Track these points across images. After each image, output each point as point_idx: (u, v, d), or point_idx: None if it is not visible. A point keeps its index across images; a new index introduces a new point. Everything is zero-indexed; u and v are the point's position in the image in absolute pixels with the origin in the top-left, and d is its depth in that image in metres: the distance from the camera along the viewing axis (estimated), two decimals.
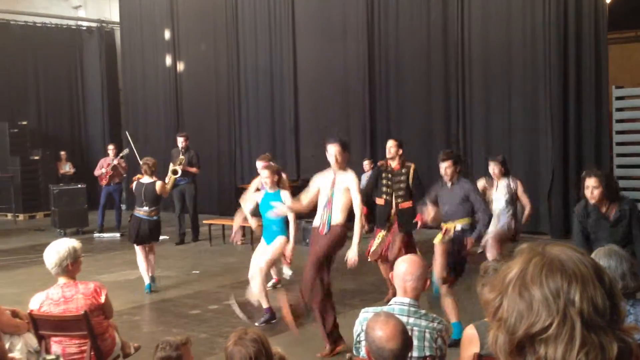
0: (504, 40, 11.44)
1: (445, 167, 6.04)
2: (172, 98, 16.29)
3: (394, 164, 7.28)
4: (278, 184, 6.82)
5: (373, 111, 13.11)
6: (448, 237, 6.01)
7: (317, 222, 5.82)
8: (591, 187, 4.95)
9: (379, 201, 7.31)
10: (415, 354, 3.39)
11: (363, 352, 3.27)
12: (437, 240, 6.09)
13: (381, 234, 7.19)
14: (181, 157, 11.31)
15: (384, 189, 7.23)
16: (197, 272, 9.38)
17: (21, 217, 15.43)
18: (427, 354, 3.44)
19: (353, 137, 13.30)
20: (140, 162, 8.93)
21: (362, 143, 13.19)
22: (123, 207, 14.36)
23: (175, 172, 10.90)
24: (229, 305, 6.90)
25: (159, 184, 8.48)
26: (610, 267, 3.44)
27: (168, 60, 16.34)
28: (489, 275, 3.29)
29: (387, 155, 7.28)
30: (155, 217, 8.47)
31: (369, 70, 13.04)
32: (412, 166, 7.31)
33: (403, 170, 7.25)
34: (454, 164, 6.05)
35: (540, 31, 10.99)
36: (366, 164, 12.45)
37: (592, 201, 5.00)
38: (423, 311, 3.59)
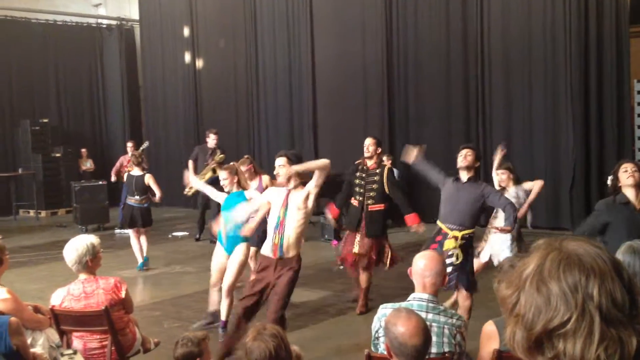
0: (524, 35, 11.35)
1: (465, 154, 5.64)
2: (192, 95, 16.38)
3: (370, 163, 6.89)
4: (239, 183, 6.34)
5: (391, 108, 13.07)
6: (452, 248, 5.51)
7: (267, 249, 5.24)
8: (631, 171, 4.94)
9: (353, 202, 6.94)
10: (434, 350, 3.38)
11: (382, 348, 3.26)
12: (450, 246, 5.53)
13: (357, 240, 6.82)
14: (220, 155, 11.11)
15: (357, 189, 6.88)
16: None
17: (43, 213, 15.60)
18: (446, 350, 3.43)
19: (372, 134, 13.23)
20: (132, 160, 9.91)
21: (379, 137, 13.14)
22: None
23: (214, 170, 10.82)
24: None
25: (147, 176, 9.58)
26: (629, 264, 3.41)
27: (187, 57, 16.42)
28: (505, 272, 3.27)
29: (365, 154, 6.88)
30: (145, 204, 9.66)
31: (387, 67, 13.00)
32: (387, 166, 6.99)
33: (377, 171, 6.86)
34: (476, 157, 5.67)
35: (561, 25, 10.89)
36: (385, 159, 12.44)
37: (629, 181, 4.93)
38: (442, 307, 3.58)
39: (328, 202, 7.48)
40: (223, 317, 6.14)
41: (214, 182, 10.28)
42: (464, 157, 5.63)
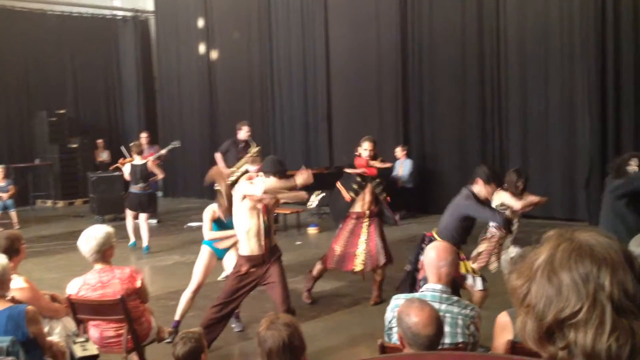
0: (541, 25, 11.25)
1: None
2: (206, 86, 16.42)
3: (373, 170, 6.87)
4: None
5: (405, 99, 13.03)
6: None
7: (250, 250, 5.18)
8: None
9: (347, 196, 6.86)
10: (447, 340, 3.39)
11: (395, 339, 3.27)
12: None
13: (362, 240, 6.80)
14: (256, 147, 10.89)
15: (355, 185, 6.84)
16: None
17: (60, 203, 15.75)
18: (460, 340, 3.43)
19: (386, 125, 13.27)
20: (123, 159, 10.62)
21: (394, 130, 13.14)
22: (160, 194, 14.55)
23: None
24: (263, 291, 6.94)
25: (149, 162, 10.18)
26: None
27: (202, 49, 16.45)
28: (516, 262, 3.27)
29: (363, 155, 6.81)
30: (149, 191, 10.24)
31: (402, 57, 12.95)
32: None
33: (378, 180, 6.93)
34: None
35: (578, 16, 10.78)
36: (398, 151, 12.42)
37: None
38: (455, 298, 3.59)
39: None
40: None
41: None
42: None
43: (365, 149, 6.81)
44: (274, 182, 5.11)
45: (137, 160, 10.12)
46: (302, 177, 5.16)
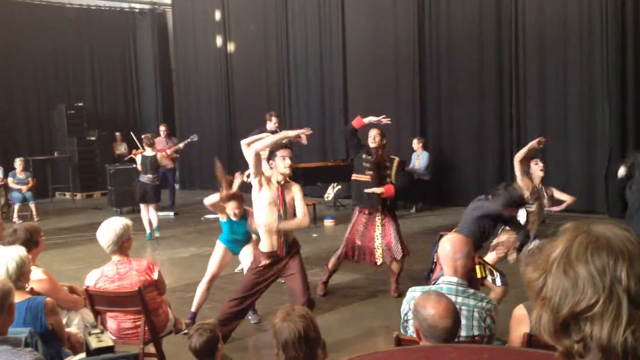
0: (559, 14, 11.13)
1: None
2: (223, 78, 16.46)
3: (381, 155, 6.77)
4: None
5: (423, 90, 12.96)
6: None
7: (269, 246, 5.20)
8: None
9: (362, 177, 6.79)
10: (463, 333, 3.37)
11: (411, 331, 3.27)
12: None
13: (377, 233, 6.76)
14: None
15: (367, 164, 6.77)
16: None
17: (79, 196, 15.89)
18: (476, 333, 3.41)
19: (403, 117, 13.21)
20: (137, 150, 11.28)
21: (411, 122, 13.08)
22: (177, 186, 14.63)
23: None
24: (279, 284, 6.96)
25: (158, 155, 10.65)
26: None
27: (219, 41, 16.48)
28: (533, 254, 3.24)
29: (371, 144, 6.72)
30: (157, 182, 10.61)
31: (419, 48, 12.87)
32: (397, 160, 6.92)
33: (387, 164, 6.79)
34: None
35: (597, 5, 10.65)
36: (415, 143, 12.37)
37: None
38: (471, 290, 3.56)
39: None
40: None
41: None
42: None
43: (370, 136, 6.74)
44: None
45: (148, 151, 10.60)
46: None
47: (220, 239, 6.21)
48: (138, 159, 10.76)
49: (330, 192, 12.49)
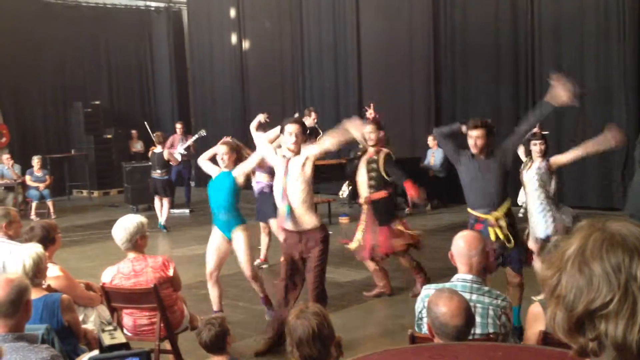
0: (576, 7, 11.03)
1: (475, 139, 5.06)
2: (238, 76, 16.51)
3: (371, 151, 6.57)
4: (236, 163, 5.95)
5: (438, 86, 12.91)
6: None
7: (285, 223, 5.21)
8: None
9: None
10: (478, 330, 3.36)
11: (426, 329, 3.26)
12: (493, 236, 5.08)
13: (361, 226, 6.65)
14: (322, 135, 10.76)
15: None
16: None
17: (96, 193, 16.01)
18: (491, 331, 3.39)
19: (417, 113, 13.18)
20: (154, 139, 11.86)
21: (426, 118, 13.04)
22: (192, 184, 14.67)
23: None
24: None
25: (165, 152, 11.31)
26: None
27: (234, 39, 16.52)
28: (549, 252, 3.21)
29: (370, 143, 6.46)
30: (166, 177, 11.37)
31: (434, 43, 12.83)
32: (384, 151, 6.55)
33: (375, 157, 6.52)
34: (489, 134, 5.09)
35: None
36: (430, 140, 12.32)
37: None
38: (486, 288, 3.54)
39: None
40: (262, 293, 6.12)
41: None
42: (474, 144, 5.09)
43: (367, 131, 6.36)
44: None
45: (158, 149, 11.49)
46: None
47: (213, 222, 5.98)
48: (150, 155, 11.87)
49: (345, 190, 12.47)
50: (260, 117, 7.01)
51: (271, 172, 6.52)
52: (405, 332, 3.43)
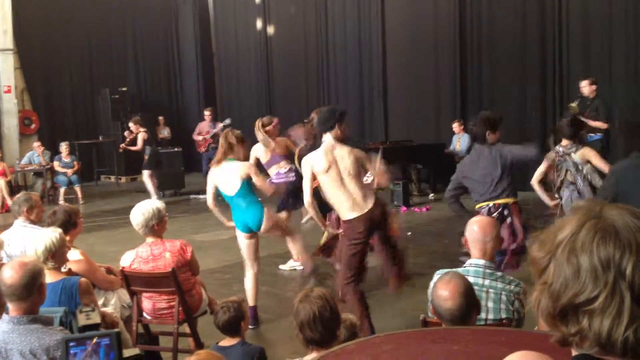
0: None
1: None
2: (263, 62, 16.53)
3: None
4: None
5: (464, 73, 12.78)
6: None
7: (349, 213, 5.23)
8: None
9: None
10: (490, 316, 3.36)
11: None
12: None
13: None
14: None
15: None
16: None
17: (123, 179, 16.21)
18: (504, 316, 3.39)
19: (443, 100, 13.07)
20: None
21: (452, 105, 12.94)
22: None
23: None
24: (317, 266, 6.99)
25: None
26: None
27: (259, 24, 16.53)
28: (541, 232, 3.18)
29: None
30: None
31: (460, 32, 12.68)
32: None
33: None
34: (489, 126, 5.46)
35: None
36: (455, 126, 12.23)
37: None
38: (499, 273, 3.54)
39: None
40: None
41: None
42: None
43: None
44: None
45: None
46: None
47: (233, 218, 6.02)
48: None
49: (369, 176, 12.42)
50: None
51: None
52: (418, 317, 3.44)
